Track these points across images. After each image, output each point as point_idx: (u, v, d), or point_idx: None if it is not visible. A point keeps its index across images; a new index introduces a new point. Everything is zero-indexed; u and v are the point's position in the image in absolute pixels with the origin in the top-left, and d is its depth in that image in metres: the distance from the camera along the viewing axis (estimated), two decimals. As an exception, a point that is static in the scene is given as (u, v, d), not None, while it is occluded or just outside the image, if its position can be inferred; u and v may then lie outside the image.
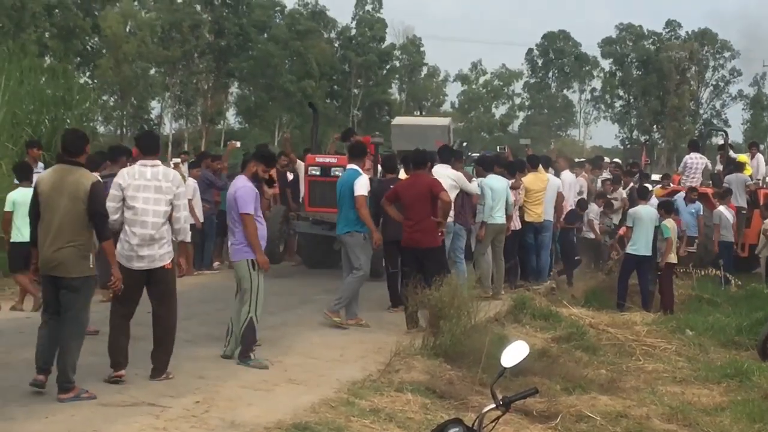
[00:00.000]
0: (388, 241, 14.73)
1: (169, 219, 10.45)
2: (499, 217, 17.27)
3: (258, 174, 11.59)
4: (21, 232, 13.89)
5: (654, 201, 21.58)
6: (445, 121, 24.82)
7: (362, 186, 14.09)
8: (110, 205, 10.18)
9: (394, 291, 15.72)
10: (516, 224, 18.73)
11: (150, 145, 10.89)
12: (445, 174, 15.55)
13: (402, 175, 16.56)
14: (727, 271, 22.26)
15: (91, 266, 9.72)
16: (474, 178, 18.05)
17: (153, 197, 10.33)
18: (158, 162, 10.66)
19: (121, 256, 10.27)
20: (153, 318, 10.67)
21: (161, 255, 10.40)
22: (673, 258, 19.45)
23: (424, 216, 14.13)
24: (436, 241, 14.46)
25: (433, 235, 14.36)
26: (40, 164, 17.86)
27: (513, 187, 18.38)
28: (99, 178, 10.28)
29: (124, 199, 10.31)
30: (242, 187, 11.46)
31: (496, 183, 17.30)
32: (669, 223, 19.28)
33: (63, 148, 10.11)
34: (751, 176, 25.96)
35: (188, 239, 11.18)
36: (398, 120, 26.18)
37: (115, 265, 9.96)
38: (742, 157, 27.24)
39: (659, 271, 19.35)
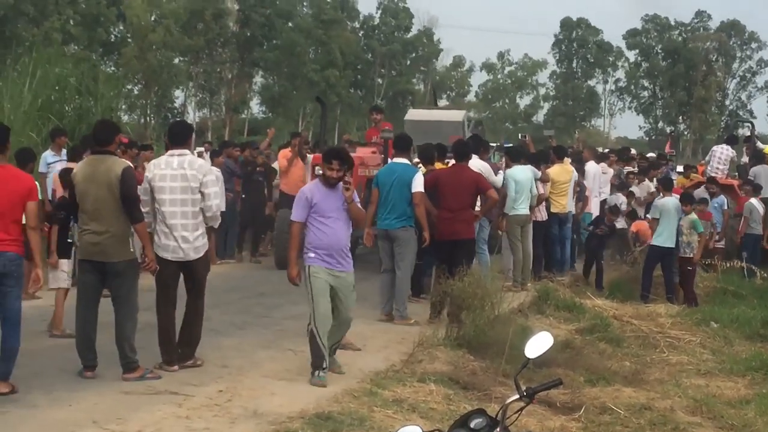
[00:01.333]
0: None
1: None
2: (523, 209, 17.18)
3: (326, 175, 10.47)
4: None
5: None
6: (459, 115, 24.47)
7: (421, 182, 13.96)
8: (141, 198, 10.39)
9: (417, 281, 15.70)
10: (543, 215, 18.73)
11: (178, 134, 10.93)
12: (471, 165, 15.48)
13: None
14: (753, 263, 22.14)
15: (132, 250, 9.98)
16: (501, 169, 17.99)
17: (180, 186, 10.42)
18: (186, 151, 10.72)
19: (157, 246, 10.44)
20: (186, 306, 10.83)
21: (196, 247, 10.56)
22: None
23: (464, 207, 14.16)
24: (473, 232, 14.55)
25: (472, 227, 14.48)
26: (63, 151, 17.82)
27: (542, 180, 18.39)
28: (130, 164, 10.58)
29: (152, 191, 10.43)
30: (300, 192, 10.77)
31: (520, 174, 17.20)
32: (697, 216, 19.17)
33: (94, 139, 10.38)
34: None
35: (216, 226, 11.30)
36: (411, 114, 25.89)
37: (148, 246, 10.18)
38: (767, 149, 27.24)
39: (689, 267, 19.22)
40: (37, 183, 13.20)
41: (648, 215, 20.61)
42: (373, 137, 20.33)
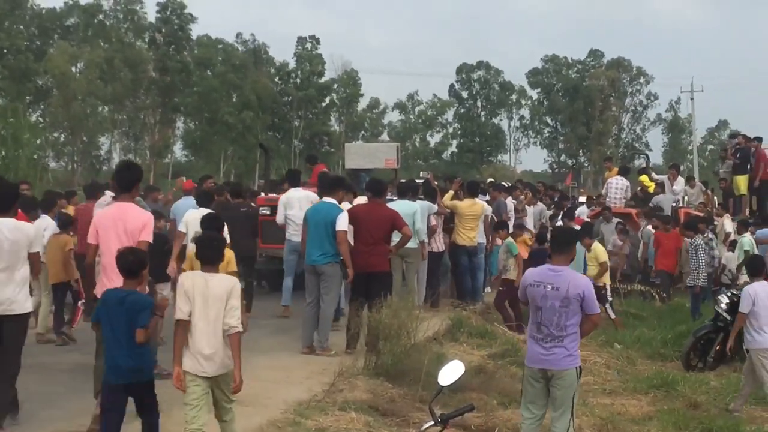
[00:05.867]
0: None
1: None
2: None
3: None
4: None
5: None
6: (393, 145, 26.04)
7: (344, 222, 13.99)
8: None
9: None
10: (439, 247, 18.83)
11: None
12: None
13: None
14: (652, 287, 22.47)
15: None
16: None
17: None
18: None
19: None
20: None
21: None
22: (512, 275, 18.28)
23: (379, 242, 14.23)
24: (387, 265, 14.60)
25: (386, 260, 14.52)
26: None
27: (438, 213, 18.51)
28: None
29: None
30: (590, 283, 9.90)
31: (399, 208, 16.88)
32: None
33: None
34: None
35: None
36: (351, 145, 27.54)
37: None
38: (644, 178, 27.95)
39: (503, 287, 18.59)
40: None
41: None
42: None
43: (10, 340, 9.53)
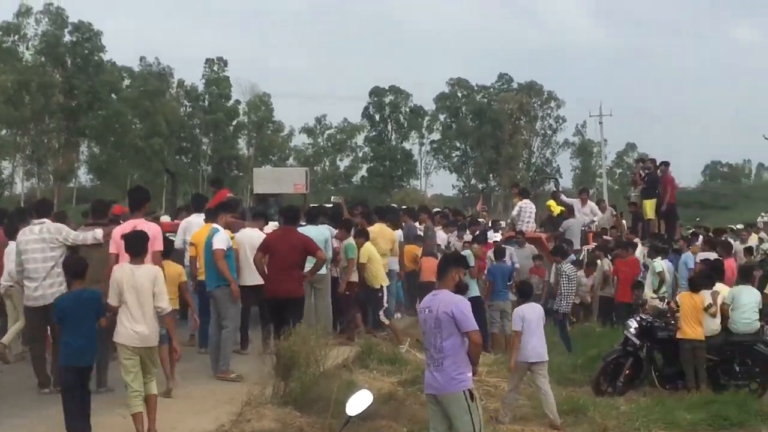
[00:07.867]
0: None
1: None
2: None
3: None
4: None
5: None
6: (302, 169, 26.33)
7: (220, 241, 14.15)
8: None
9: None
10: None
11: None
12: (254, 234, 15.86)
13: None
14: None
15: None
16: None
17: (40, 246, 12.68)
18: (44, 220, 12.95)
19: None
20: None
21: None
22: (354, 277, 18.10)
23: (293, 267, 14.39)
24: (302, 290, 14.74)
25: (301, 286, 14.67)
26: None
27: (338, 238, 18.25)
28: None
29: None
30: (463, 301, 9.80)
31: (312, 233, 16.70)
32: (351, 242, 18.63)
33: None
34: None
35: None
36: (259, 169, 27.74)
37: None
38: (551, 203, 28.22)
39: (347, 293, 18.14)
40: None
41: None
42: None
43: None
